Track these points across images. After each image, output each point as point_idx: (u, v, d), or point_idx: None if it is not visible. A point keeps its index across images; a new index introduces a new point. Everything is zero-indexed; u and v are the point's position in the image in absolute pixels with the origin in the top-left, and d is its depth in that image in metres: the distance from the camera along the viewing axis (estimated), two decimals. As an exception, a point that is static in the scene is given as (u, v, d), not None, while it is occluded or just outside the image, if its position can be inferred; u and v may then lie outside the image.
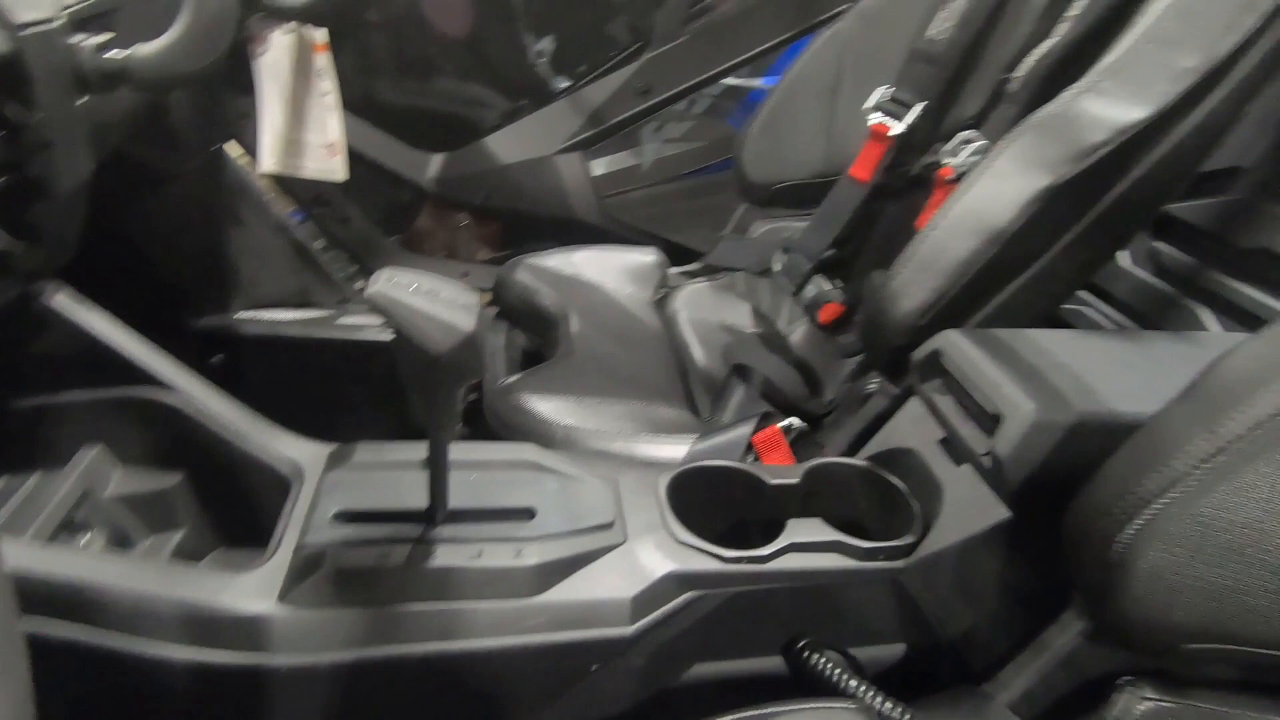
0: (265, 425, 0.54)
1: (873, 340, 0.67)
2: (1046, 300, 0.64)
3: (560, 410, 0.75)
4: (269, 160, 0.93)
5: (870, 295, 0.79)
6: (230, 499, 0.53)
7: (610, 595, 0.46)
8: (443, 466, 0.46)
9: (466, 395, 0.92)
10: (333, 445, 0.54)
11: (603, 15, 1.31)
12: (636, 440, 0.72)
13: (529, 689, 0.47)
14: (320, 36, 0.89)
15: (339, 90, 0.93)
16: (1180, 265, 0.76)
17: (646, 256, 1.09)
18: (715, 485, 0.57)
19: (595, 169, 1.36)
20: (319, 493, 0.50)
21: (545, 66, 1.33)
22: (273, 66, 0.88)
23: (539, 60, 1.33)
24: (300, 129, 0.92)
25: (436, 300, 0.38)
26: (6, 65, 0.44)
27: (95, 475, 0.51)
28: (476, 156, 1.32)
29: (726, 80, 1.31)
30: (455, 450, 0.47)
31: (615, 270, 1.07)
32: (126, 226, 0.92)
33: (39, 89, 0.47)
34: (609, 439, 0.72)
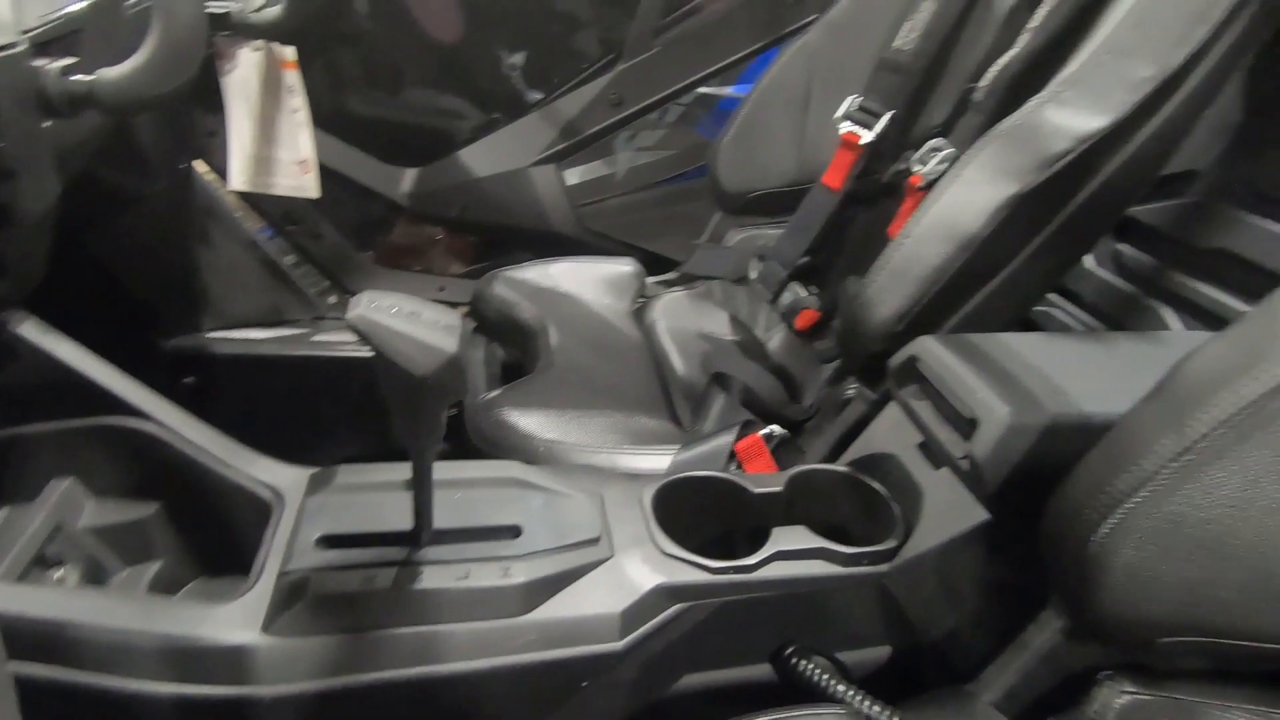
0: (243, 451, 0.53)
1: (850, 347, 0.68)
2: (1018, 304, 0.65)
3: (542, 424, 0.75)
4: (238, 178, 0.92)
5: (846, 303, 0.80)
6: (209, 527, 0.52)
7: (599, 611, 0.46)
8: (427, 487, 0.45)
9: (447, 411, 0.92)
10: (313, 469, 0.54)
11: (575, 28, 1.32)
12: (619, 453, 0.72)
13: (520, 708, 0.47)
14: (289, 53, 0.88)
15: (309, 106, 0.92)
16: (1142, 266, 0.79)
17: (624, 267, 1.09)
18: (700, 496, 0.57)
19: (569, 178, 1.36)
20: (301, 518, 0.49)
21: (518, 79, 1.33)
22: (241, 84, 0.87)
23: (512, 73, 1.33)
24: (271, 146, 0.91)
25: (418, 322, 0.38)
26: (-33, 92, 0.44)
27: (67, 508, 0.50)
28: (451, 170, 1.32)
29: (698, 89, 1.33)
30: (438, 469, 0.47)
31: (593, 281, 1.07)
32: (93, 248, 0.90)
33: (2, 116, 0.46)
34: (592, 452, 0.72)
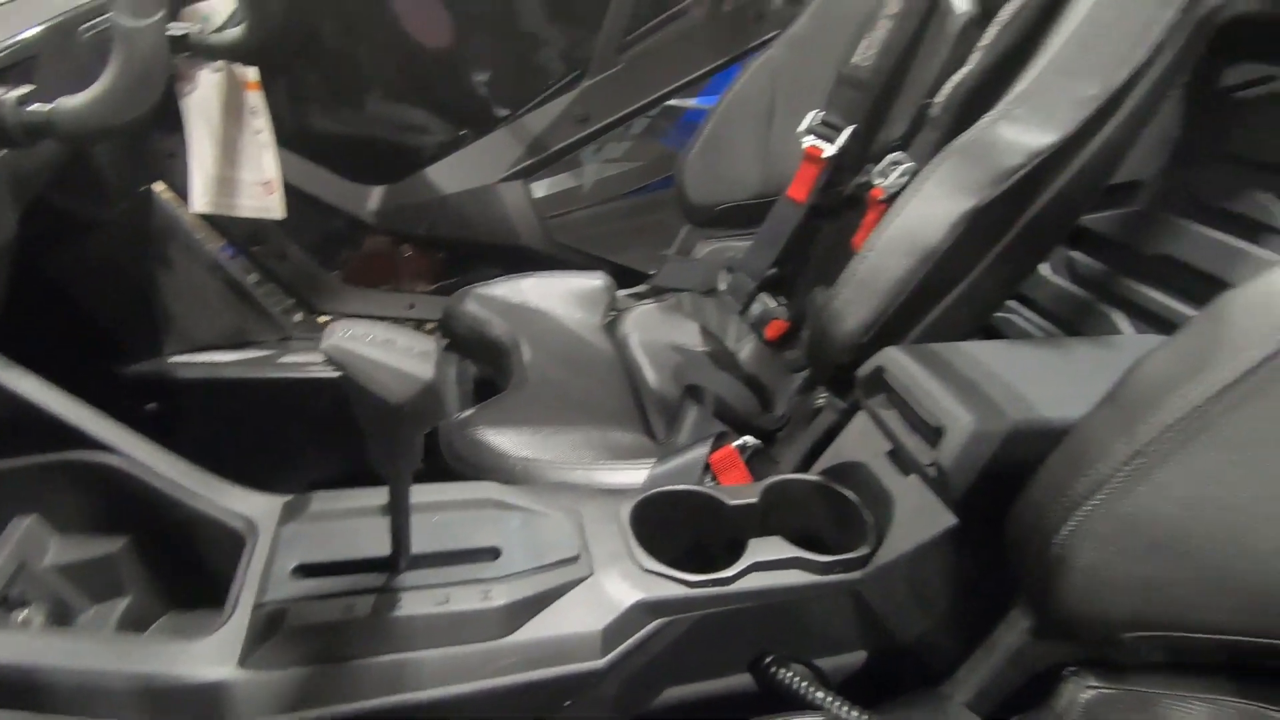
0: (213, 480, 0.52)
1: (818, 358, 0.69)
2: (978, 312, 0.68)
3: (517, 442, 0.75)
4: (201, 200, 0.90)
5: (813, 315, 0.82)
6: (179, 560, 0.51)
7: (580, 629, 0.47)
8: (404, 512, 0.45)
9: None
10: (286, 496, 0.53)
11: (540, 45, 1.33)
12: (596, 468, 0.73)
13: (504, 730, 0.47)
14: (251, 74, 0.87)
15: (273, 127, 0.91)
16: (1094, 273, 0.82)
17: (594, 280, 1.10)
18: (677, 510, 0.58)
19: (536, 191, 1.37)
20: (275, 547, 0.48)
21: (485, 96, 1.34)
22: (201, 105, 0.86)
23: (479, 90, 1.33)
24: (234, 167, 0.90)
25: (393, 349, 0.38)
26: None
27: (31, 546, 0.48)
28: (418, 187, 1.32)
29: (663, 101, 1.34)
30: (415, 493, 0.47)
31: (564, 296, 1.07)
32: (49, 274, 0.88)
33: (-45, 147, 0.45)
34: (568, 469, 0.72)
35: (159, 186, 1.04)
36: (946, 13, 0.86)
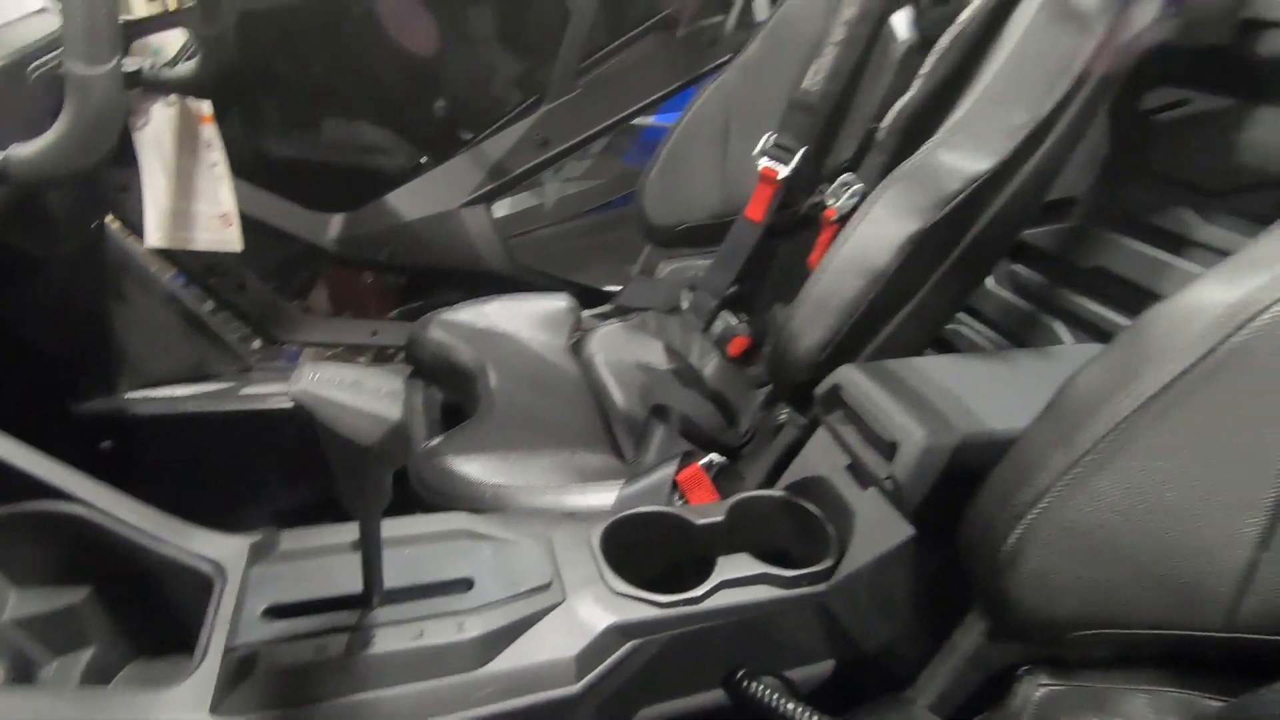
0: (178, 524, 0.52)
1: (778, 377, 0.72)
2: (928, 328, 0.71)
3: (487, 469, 0.76)
4: (155, 234, 0.89)
5: (773, 334, 0.84)
6: (145, 607, 0.50)
7: (555, 656, 0.47)
8: (375, 549, 0.46)
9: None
10: (253, 537, 0.53)
11: (498, 71, 1.34)
12: (565, 492, 0.74)
13: (481, 760, 0.47)
14: (205, 108, 0.87)
15: (228, 159, 0.91)
16: (1035, 285, 0.86)
17: (558, 302, 1.11)
18: (646, 531, 0.59)
19: (497, 210, 1.38)
20: (244, 589, 0.48)
21: (445, 122, 1.34)
22: (154, 139, 0.85)
23: (439, 116, 1.34)
24: (189, 201, 0.89)
25: (361, 391, 0.38)
26: None
27: (-12, 601, 0.47)
28: (378, 214, 1.31)
29: (622, 120, 1.36)
30: (386, 526, 0.47)
31: (528, 318, 1.08)
32: (-2, 313, 0.86)
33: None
34: (538, 494, 0.73)
35: (111, 220, 1.03)
36: (889, 39, 0.90)
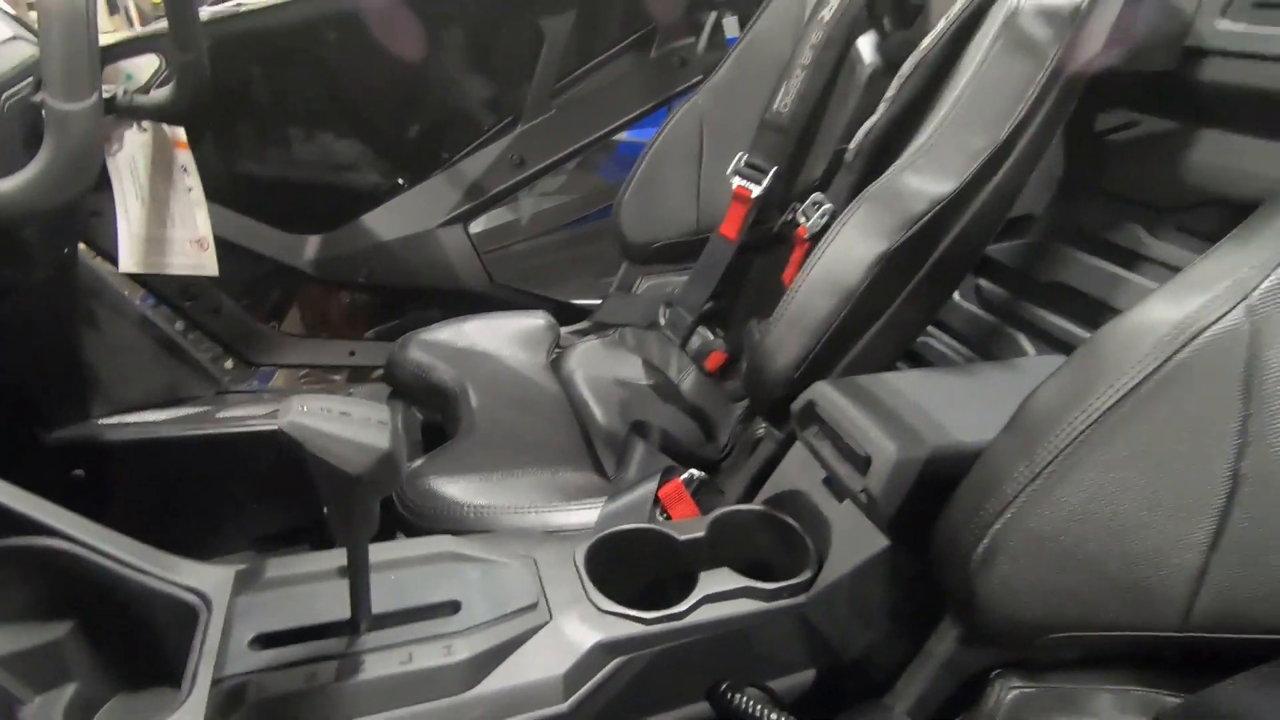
0: (161, 555, 0.51)
1: (756, 393, 0.73)
2: (898, 342, 0.73)
3: (469, 490, 0.76)
4: (129, 260, 0.89)
5: (749, 351, 0.86)
6: (129, 640, 0.49)
7: (543, 676, 0.48)
8: (363, 574, 0.46)
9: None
10: (238, 566, 0.53)
11: (474, 93, 1.35)
12: (549, 511, 0.74)
13: (471, 782, 0.48)
14: (180, 134, 0.87)
15: (202, 184, 0.91)
16: (999, 299, 0.89)
17: (537, 320, 1.12)
18: (629, 548, 0.60)
19: (473, 226, 1.38)
20: (230, 619, 0.48)
21: (421, 143, 1.35)
22: (128, 165, 0.85)
23: (415, 137, 1.35)
24: (164, 226, 0.89)
25: (350, 422, 0.39)
26: None
27: (-34, 640, 0.47)
28: (355, 235, 1.31)
29: (597, 136, 1.38)
30: (372, 551, 0.47)
31: (507, 337, 1.09)
32: (-37, 343, 0.84)
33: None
34: (521, 514, 0.74)
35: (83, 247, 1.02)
36: (855, 63, 0.93)
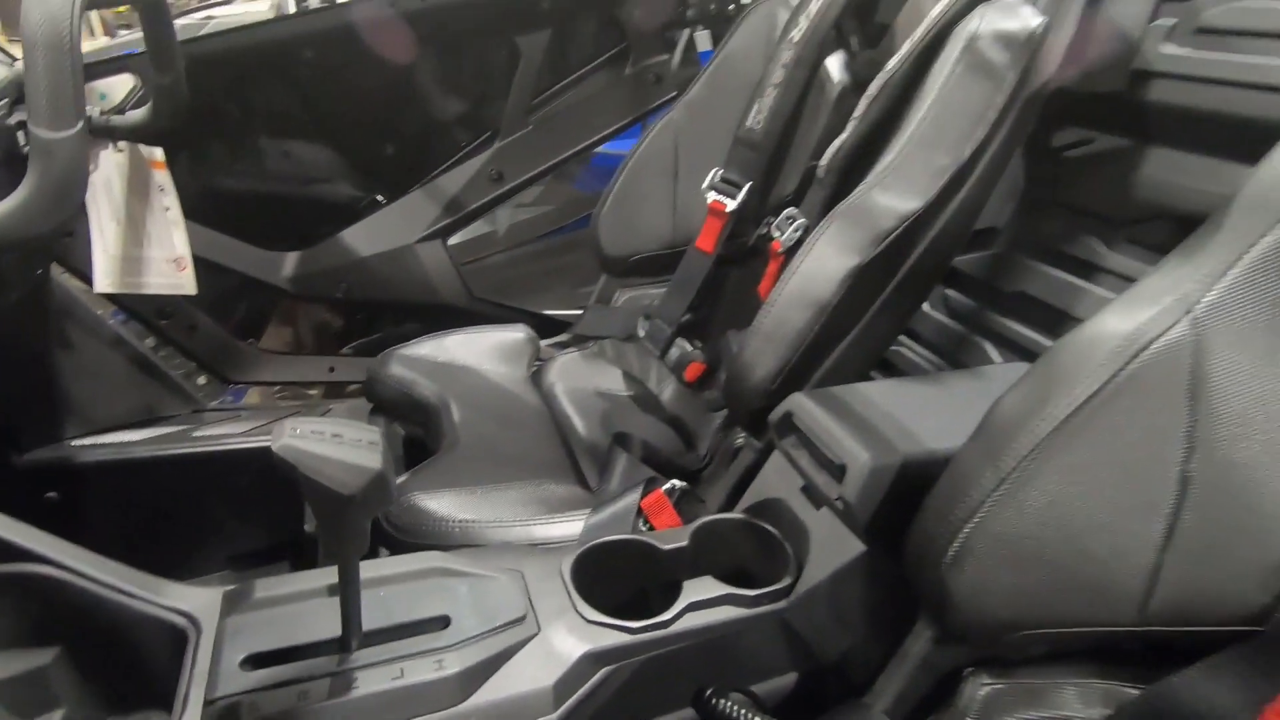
0: (148, 578, 0.52)
1: (734, 404, 0.75)
2: (871, 353, 0.76)
3: (454, 505, 0.77)
4: (105, 280, 0.88)
5: (728, 363, 0.88)
6: (117, 664, 0.49)
7: (532, 687, 0.49)
8: (355, 592, 0.47)
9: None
10: (225, 587, 0.53)
11: (452, 109, 1.36)
12: (534, 524, 0.75)
13: (463, 794, 0.49)
14: (158, 154, 0.86)
15: (180, 203, 0.91)
16: (966, 309, 0.93)
17: (516, 334, 1.13)
18: (614, 559, 0.61)
19: (451, 239, 1.39)
20: (220, 640, 0.49)
21: (399, 159, 1.36)
22: (104, 186, 0.85)
23: (392, 154, 1.35)
24: (141, 246, 0.88)
25: (341, 443, 0.40)
26: None
27: (-48, 669, 0.47)
28: (334, 251, 1.31)
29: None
30: (360, 569, 0.48)
31: (488, 351, 1.10)
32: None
33: None
34: (507, 527, 0.75)
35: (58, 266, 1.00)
36: (825, 81, 0.96)
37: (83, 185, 0.49)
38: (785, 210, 0.91)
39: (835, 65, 0.95)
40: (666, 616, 0.55)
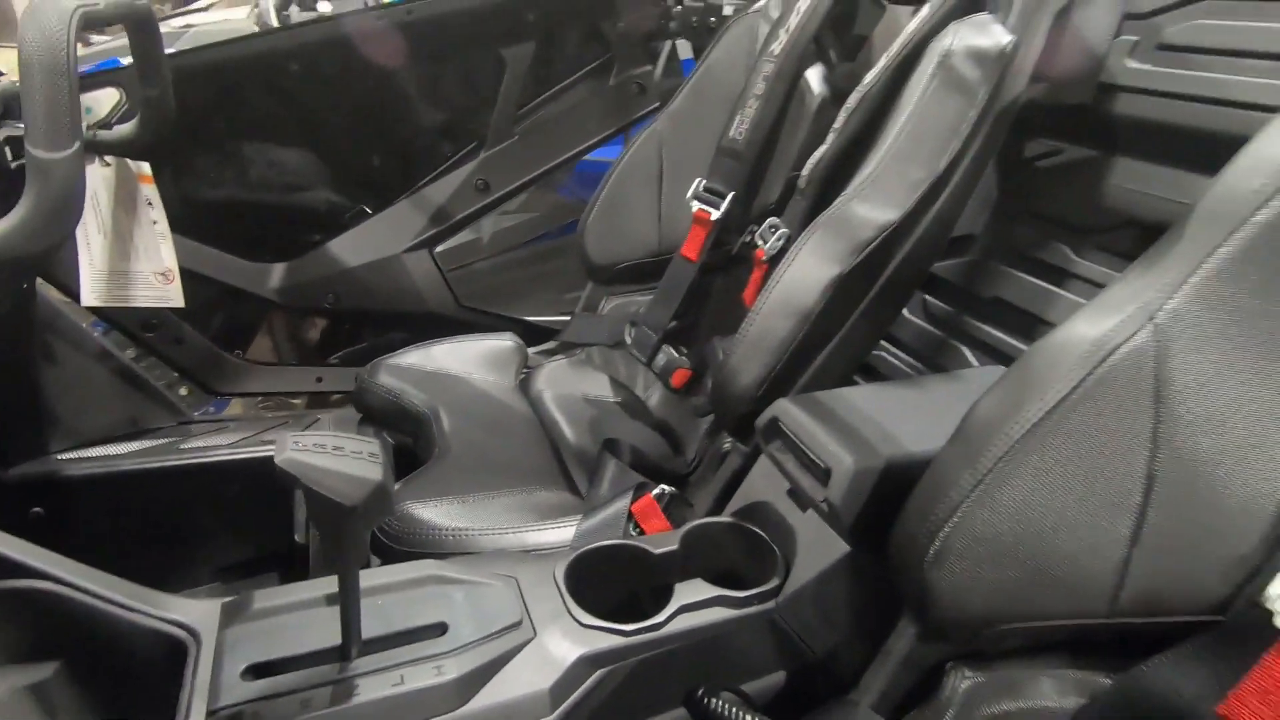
0: (146, 592, 0.52)
1: (721, 410, 0.77)
2: (853, 359, 0.78)
3: (447, 514, 0.78)
4: (91, 294, 0.88)
5: (714, 369, 0.89)
6: (116, 678, 0.50)
7: (529, 691, 0.50)
8: (354, 601, 0.48)
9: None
10: (223, 599, 0.54)
11: (438, 119, 1.37)
12: (526, 530, 0.77)
13: (463, 797, 0.50)
14: (145, 168, 0.87)
15: (166, 217, 0.91)
16: (944, 314, 0.95)
17: (504, 342, 1.14)
18: (607, 563, 0.63)
19: (437, 248, 1.40)
20: (220, 651, 0.49)
21: (385, 170, 1.36)
22: (91, 200, 0.85)
23: (378, 164, 1.36)
24: (128, 260, 0.88)
25: (342, 456, 0.41)
26: None
27: (-49, 685, 0.47)
28: (321, 261, 1.31)
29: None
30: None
31: (476, 359, 1.11)
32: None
33: None
34: (500, 535, 0.76)
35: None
36: (805, 93, 0.98)
37: (80, 204, 0.50)
38: (768, 220, 0.93)
39: (815, 78, 0.97)
40: (659, 619, 0.56)
